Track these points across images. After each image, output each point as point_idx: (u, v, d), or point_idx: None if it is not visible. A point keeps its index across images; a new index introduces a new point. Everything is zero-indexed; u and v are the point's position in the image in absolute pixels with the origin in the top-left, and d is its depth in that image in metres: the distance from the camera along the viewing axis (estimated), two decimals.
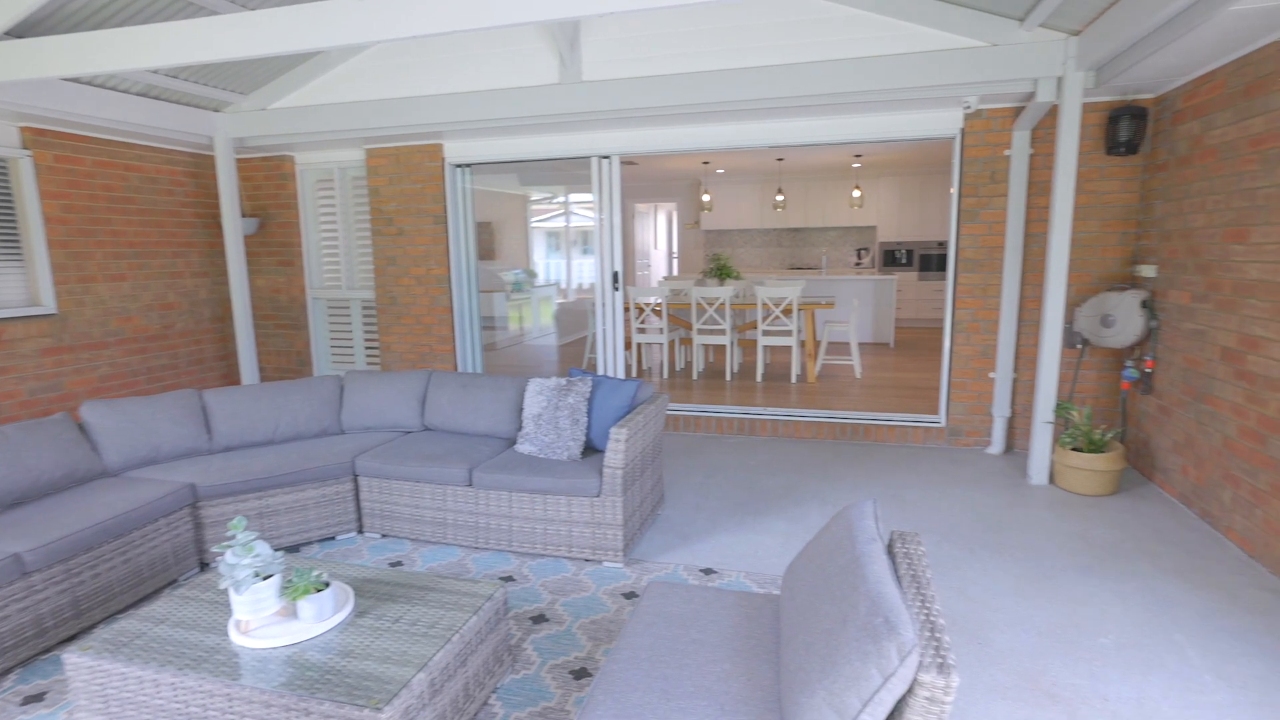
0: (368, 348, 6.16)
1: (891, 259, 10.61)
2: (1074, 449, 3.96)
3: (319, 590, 2.07)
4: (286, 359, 6.22)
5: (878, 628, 1.17)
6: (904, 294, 10.13)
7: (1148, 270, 4.16)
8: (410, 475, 3.33)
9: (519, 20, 2.82)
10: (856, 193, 10.08)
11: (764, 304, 6.52)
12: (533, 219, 10.31)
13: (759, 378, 6.68)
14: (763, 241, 11.62)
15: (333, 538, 3.47)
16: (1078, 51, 3.75)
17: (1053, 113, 4.15)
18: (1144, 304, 4.05)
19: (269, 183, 5.96)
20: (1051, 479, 4.10)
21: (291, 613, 2.08)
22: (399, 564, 3.20)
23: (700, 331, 6.79)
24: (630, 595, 2.85)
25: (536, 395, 3.47)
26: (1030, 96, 4.06)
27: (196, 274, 5.70)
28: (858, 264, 11.08)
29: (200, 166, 5.68)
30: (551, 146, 5.29)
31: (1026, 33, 3.85)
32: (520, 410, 3.63)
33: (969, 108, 4.46)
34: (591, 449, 3.43)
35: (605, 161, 5.24)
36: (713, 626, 1.84)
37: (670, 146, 5.09)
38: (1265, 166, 3.08)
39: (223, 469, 3.24)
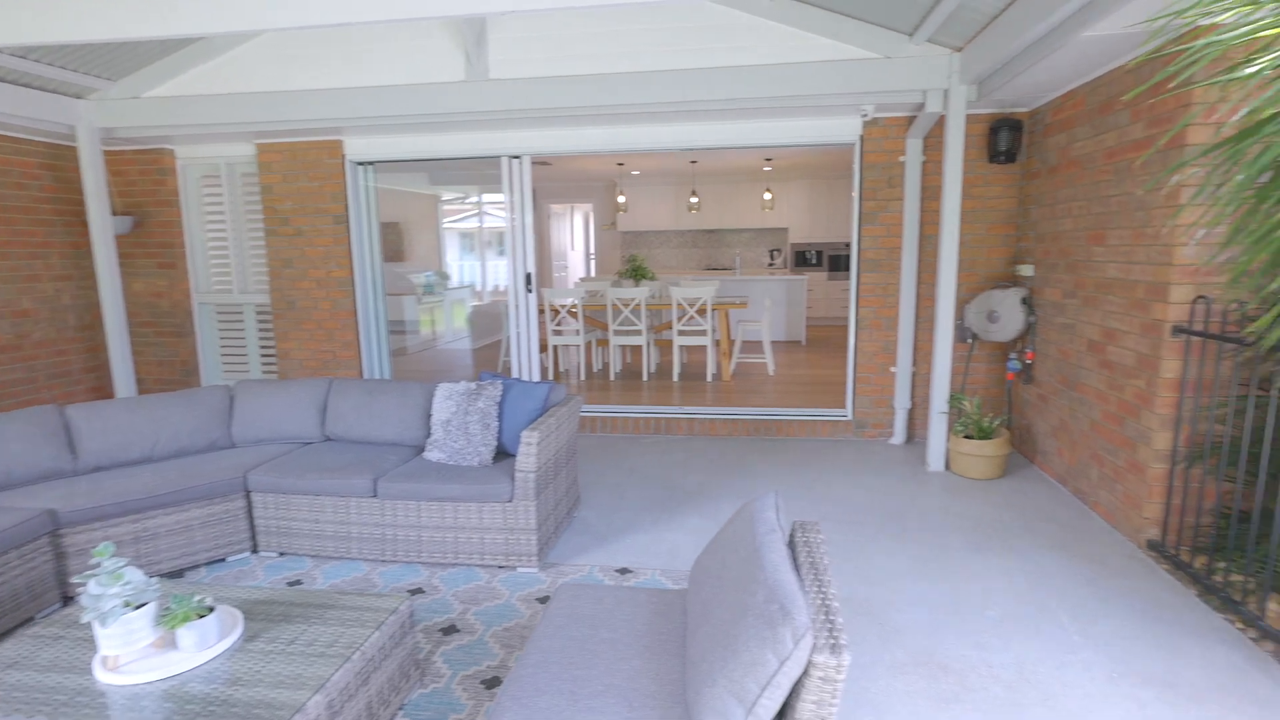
0: (264, 355, 5.77)
1: (803, 259, 11.03)
2: (966, 436, 4.23)
3: (201, 616, 1.91)
4: (169, 369, 5.73)
5: (773, 614, 1.20)
6: (814, 293, 10.55)
7: (1027, 269, 4.51)
8: (309, 488, 3.14)
9: (415, 15, 2.73)
10: (768, 195, 10.42)
11: (679, 304, 6.61)
12: (445, 219, 10.00)
13: (675, 377, 6.77)
14: (679, 243, 11.80)
15: (223, 559, 3.22)
16: (960, 66, 4.02)
17: (941, 122, 4.43)
18: (1024, 301, 4.39)
19: (144, 178, 5.47)
20: (947, 465, 4.37)
21: (170, 643, 1.91)
22: (298, 583, 3.01)
23: (616, 333, 6.81)
24: (545, 600, 2.81)
25: (445, 400, 3.36)
26: (921, 107, 4.32)
27: (58, 277, 5.15)
28: (770, 264, 11.44)
29: (60, 158, 5.14)
30: (459, 145, 5.15)
31: (916, 47, 4.09)
32: (429, 416, 3.51)
33: (866, 116, 4.69)
34: (504, 453, 3.35)
35: (516, 161, 5.16)
36: (624, 625, 1.83)
37: (582, 147, 5.07)
38: (1117, 177, 3.41)
39: (90, 492, 2.94)
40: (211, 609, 1.95)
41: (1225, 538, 2.77)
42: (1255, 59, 1.70)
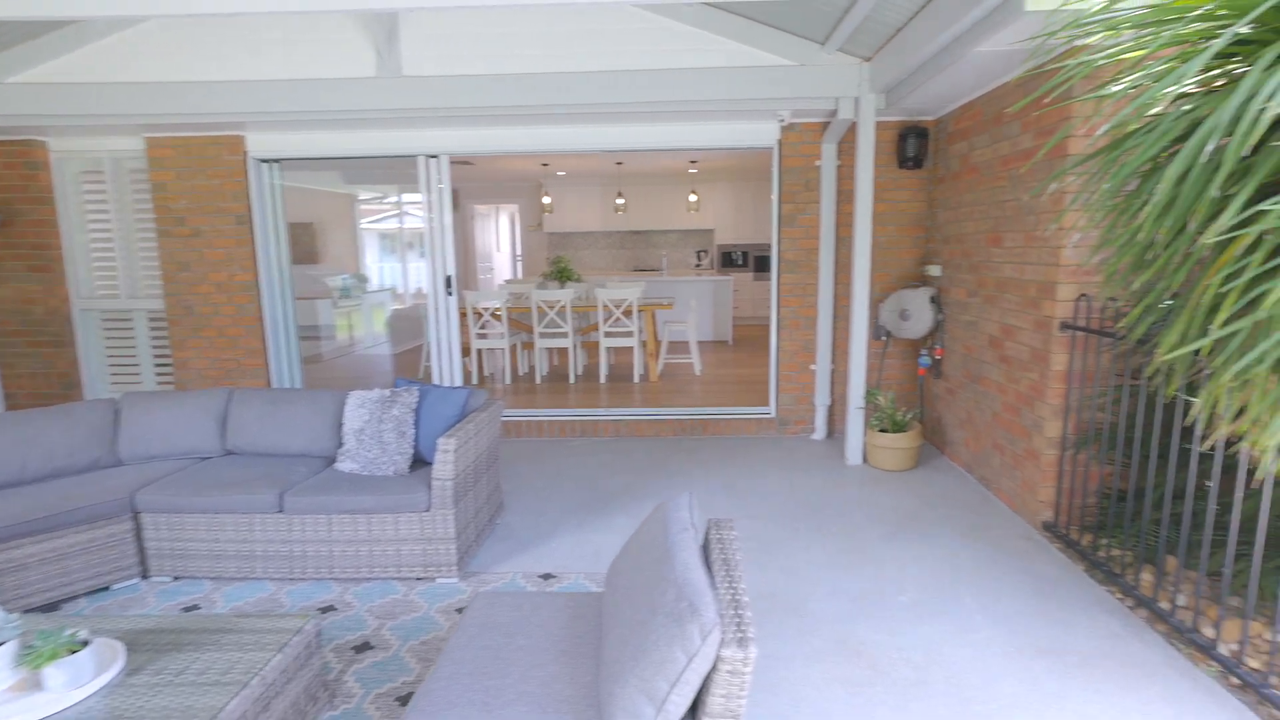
0: (158, 366, 5.36)
1: (729, 260, 11.24)
2: (881, 430, 4.41)
3: (73, 651, 1.74)
4: (46, 382, 5.22)
5: (682, 612, 1.20)
6: (740, 293, 10.75)
7: (935, 270, 4.75)
8: (207, 506, 2.93)
9: (312, 9, 2.59)
10: (693, 197, 10.55)
11: (604, 306, 6.59)
12: (362, 220, 9.59)
13: (602, 379, 6.75)
14: (606, 244, 11.79)
15: (106, 588, 2.96)
16: (870, 75, 4.19)
17: (853, 129, 4.61)
18: (932, 299, 4.62)
19: (10, 172, 4.96)
20: (865, 458, 4.53)
21: (35, 684, 1.73)
22: (194, 608, 2.80)
23: (542, 335, 6.72)
24: (464, 610, 2.72)
25: (358, 409, 3.21)
26: (834, 113, 4.47)
27: None
28: (698, 265, 11.61)
29: None
30: (372, 143, 4.95)
31: (828, 55, 4.24)
32: (340, 426, 3.34)
33: (784, 121, 4.82)
34: (421, 462, 3.24)
35: (433, 161, 5.00)
36: (540, 631, 1.80)
37: (502, 148, 4.98)
38: (1011, 183, 3.64)
39: None
40: (86, 643, 1.78)
41: (1107, 516, 2.99)
42: (1121, 78, 1.84)
